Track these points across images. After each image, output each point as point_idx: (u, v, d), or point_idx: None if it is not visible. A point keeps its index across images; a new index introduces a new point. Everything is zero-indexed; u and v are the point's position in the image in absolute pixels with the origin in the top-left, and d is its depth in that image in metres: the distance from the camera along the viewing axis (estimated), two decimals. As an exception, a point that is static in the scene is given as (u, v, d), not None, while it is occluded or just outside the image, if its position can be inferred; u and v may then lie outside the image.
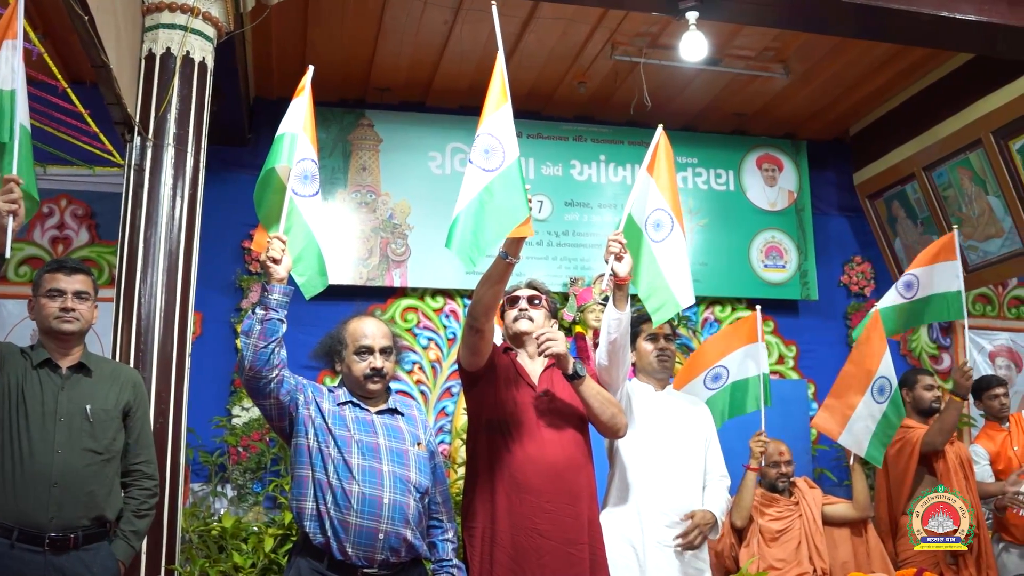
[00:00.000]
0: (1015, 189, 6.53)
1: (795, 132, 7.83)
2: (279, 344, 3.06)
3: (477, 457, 3.46)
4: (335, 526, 3.02)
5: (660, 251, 3.84)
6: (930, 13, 5.36)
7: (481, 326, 3.33)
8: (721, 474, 4.06)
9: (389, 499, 3.06)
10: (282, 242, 3.12)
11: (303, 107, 3.53)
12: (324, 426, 3.13)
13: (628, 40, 6.30)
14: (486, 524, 3.36)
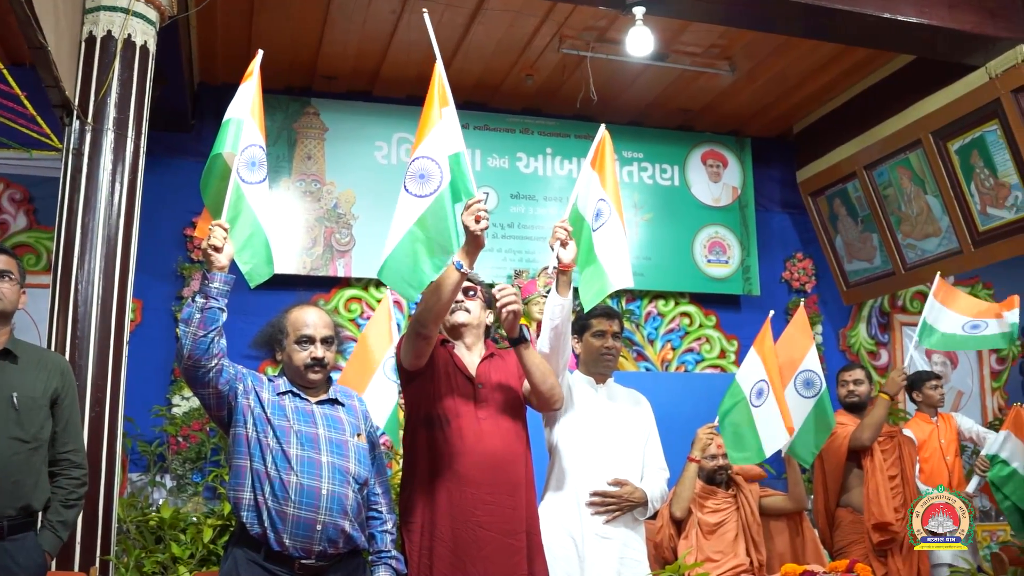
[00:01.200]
0: (952, 189, 6.65)
1: (740, 129, 7.91)
2: (219, 333, 3.02)
3: (416, 451, 3.44)
4: (272, 517, 2.99)
5: (598, 238, 3.93)
6: (873, 14, 5.46)
7: (429, 333, 3.32)
8: (660, 467, 4.08)
9: (327, 490, 3.04)
10: (224, 230, 3.08)
11: (250, 92, 3.48)
12: (263, 416, 3.10)
13: (576, 34, 6.31)
14: (425, 518, 3.35)
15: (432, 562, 3.31)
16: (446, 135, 3.27)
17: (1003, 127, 6.12)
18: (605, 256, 3.90)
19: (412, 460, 3.45)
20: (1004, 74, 5.96)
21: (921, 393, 6.34)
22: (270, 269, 3.40)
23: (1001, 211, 6.43)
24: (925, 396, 6.32)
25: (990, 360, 8.71)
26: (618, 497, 3.82)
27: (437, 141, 3.25)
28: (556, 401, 3.54)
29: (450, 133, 3.27)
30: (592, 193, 3.98)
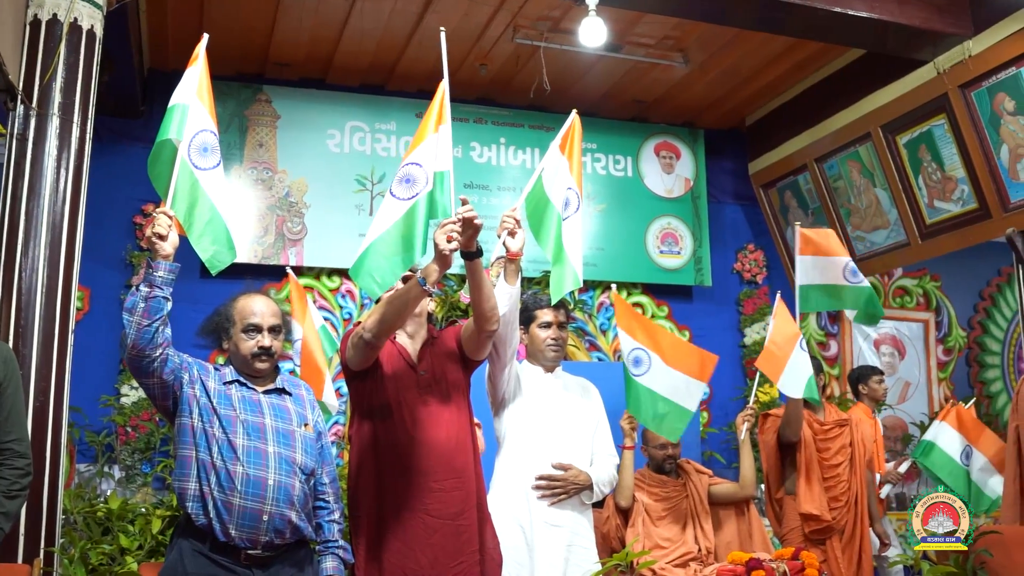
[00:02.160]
0: (901, 182, 6.74)
1: (693, 121, 7.95)
2: (164, 322, 2.99)
3: (362, 443, 3.43)
4: (218, 507, 2.97)
5: (566, 228, 3.95)
6: (824, 8, 5.52)
7: (381, 344, 3.34)
8: (609, 452, 4.12)
9: (274, 480, 3.02)
10: (169, 217, 3.04)
11: (196, 77, 3.44)
12: (209, 405, 3.07)
13: (530, 23, 6.31)
14: (373, 509, 3.35)
15: (381, 554, 3.31)
16: (438, 151, 3.30)
17: (950, 122, 6.21)
18: (571, 247, 3.93)
19: (359, 452, 3.45)
20: (952, 69, 6.04)
21: (867, 386, 6.56)
22: (232, 255, 3.37)
23: (948, 204, 6.52)
24: (870, 390, 6.56)
25: (937, 351, 8.85)
26: (563, 480, 3.84)
27: (428, 153, 3.28)
28: (495, 321, 3.47)
29: (442, 150, 3.32)
30: (561, 180, 4.01)
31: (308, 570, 3.17)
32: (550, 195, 3.96)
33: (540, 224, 3.96)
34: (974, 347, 9.02)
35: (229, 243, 3.33)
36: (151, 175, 3.32)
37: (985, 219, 6.29)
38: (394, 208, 3.19)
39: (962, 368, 8.95)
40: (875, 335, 8.53)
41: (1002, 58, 5.75)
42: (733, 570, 3.95)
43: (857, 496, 5.31)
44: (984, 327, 9.09)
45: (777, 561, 4.01)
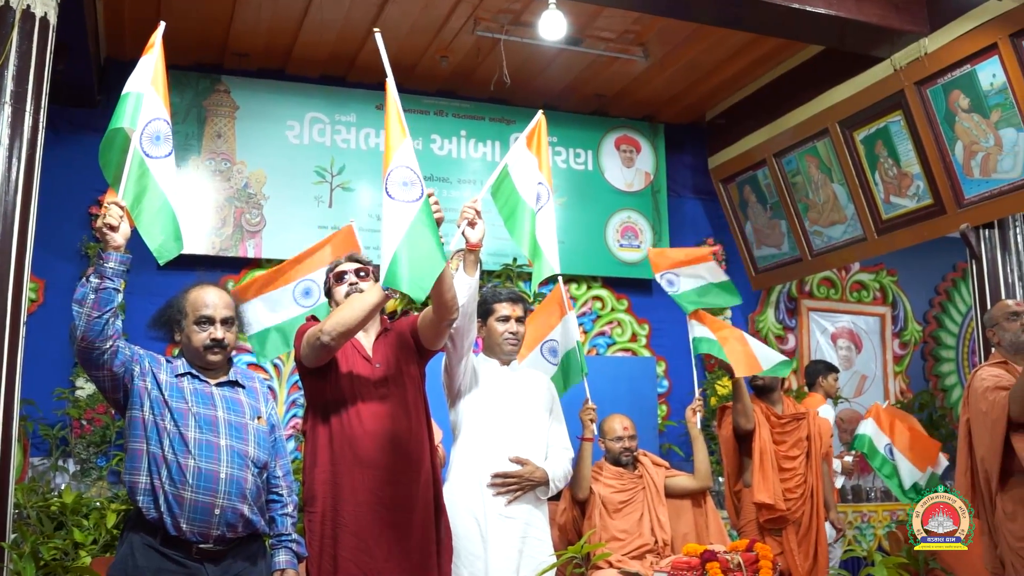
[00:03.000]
0: (858, 178, 6.80)
1: (654, 115, 7.97)
2: (114, 314, 2.96)
3: (317, 439, 3.42)
4: (169, 501, 2.95)
5: (539, 220, 4.08)
6: (783, 4, 5.55)
7: (339, 346, 3.34)
8: (564, 446, 4.14)
9: (226, 474, 3.01)
10: (120, 208, 3.00)
11: (151, 65, 3.41)
12: (160, 398, 3.05)
13: (490, 16, 6.29)
14: (327, 506, 3.34)
15: (336, 551, 3.30)
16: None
17: (906, 118, 6.27)
18: (544, 239, 4.07)
19: (313, 445, 3.44)
20: (908, 67, 6.10)
21: (826, 380, 6.86)
22: (179, 245, 3.34)
23: (904, 200, 6.59)
24: (827, 385, 6.87)
25: (893, 345, 8.95)
26: (519, 476, 3.85)
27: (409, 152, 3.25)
28: (454, 311, 3.49)
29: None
30: (531, 176, 4.12)
31: (261, 564, 3.16)
32: (521, 192, 4.05)
33: (514, 221, 4.07)
34: (929, 341, 9.13)
35: (177, 234, 3.29)
36: (101, 163, 3.29)
37: (940, 215, 6.36)
38: (404, 211, 3.11)
39: (917, 362, 9.06)
40: (832, 329, 8.61)
41: (957, 56, 5.82)
42: (688, 562, 3.98)
43: (813, 489, 5.37)
44: (939, 321, 9.20)
45: (731, 553, 4.05)
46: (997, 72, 5.65)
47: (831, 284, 8.72)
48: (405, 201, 3.13)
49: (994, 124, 5.78)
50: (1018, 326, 4.51)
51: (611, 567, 4.42)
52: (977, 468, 4.46)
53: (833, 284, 8.74)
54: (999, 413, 4.27)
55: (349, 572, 3.30)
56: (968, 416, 4.55)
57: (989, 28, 5.58)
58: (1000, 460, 4.32)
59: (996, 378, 4.41)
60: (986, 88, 5.74)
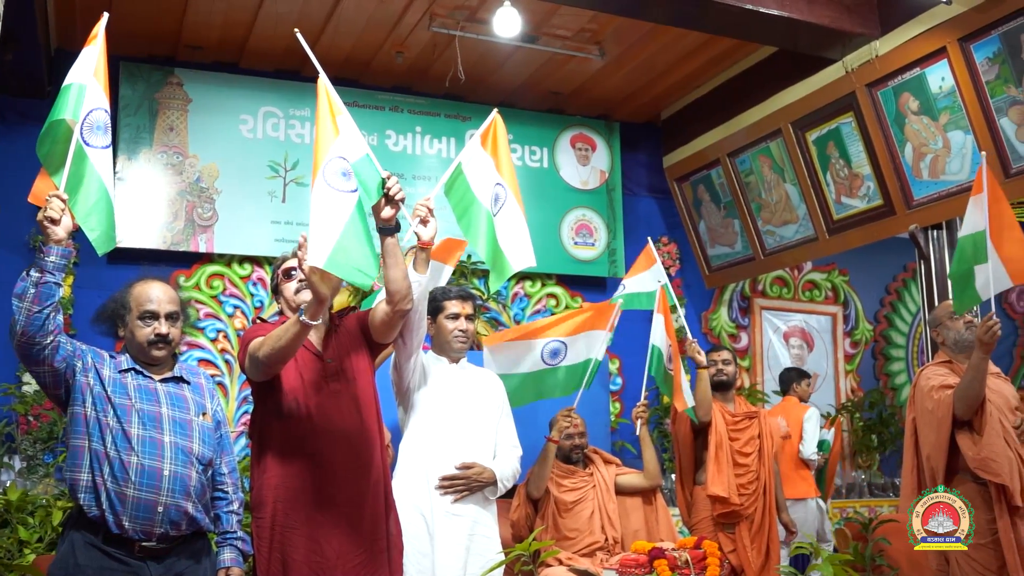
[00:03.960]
0: (810, 178, 6.87)
1: (609, 113, 8.00)
2: (55, 309, 2.91)
3: (266, 440, 3.37)
4: (111, 498, 2.91)
5: (497, 222, 4.08)
6: (737, 5, 5.59)
7: (277, 372, 3.29)
8: (512, 444, 4.14)
9: (169, 471, 2.97)
10: (62, 201, 2.96)
11: (94, 56, 3.36)
12: (103, 394, 3.00)
13: (446, 12, 6.28)
14: (278, 509, 3.29)
15: (285, 555, 3.26)
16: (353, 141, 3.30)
17: (857, 120, 6.34)
18: (505, 239, 4.06)
19: (261, 450, 3.38)
20: (859, 69, 6.17)
21: (799, 386, 7.32)
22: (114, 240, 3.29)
23: (854, 200, 6.67)
24: (801, 390, 7.32)
25: (844, 344, 9.05)
26: (466, 479, 3.85)
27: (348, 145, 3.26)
28: (408, 301, 3.47)
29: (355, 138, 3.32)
30: (488, 178, 4.11)
31: (205, 562, 3.13)
32: (476, 192, 4.05)
33: (467, 220, 4.08)
34: (880, 340, 9.25)
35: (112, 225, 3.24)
36: (40, 154, 3.21)
37: (889, 215, 6.44)
38: (343, 201, 3.11)
39: (868, 361, 9.17)
40: (785, 327, 8.69)
41: (907, 59, 5.90)
42: (636, 559, 3.99)
43: (766, 485, 5.42)
44: (890, 321, 9.32)
45: (679, 550, 4.07)
46: (946, 76, 5.73)
47: (784, 283, 8.80)
48: (344, 191, 3.13)
49: (943, 127, 5.87)
50: (961, 325, 4.57)
51: (561, 564, 4.43)
52: (923, 466, 4.51)
53: (786, 283, 8.82)
54: (944, 412, 4.33)
55: (300, 573, 3.27)
56: (914, 415, 4.60)
57: (938, 32, 5.66)
58: (946, 458, 4.37)
59: (941, 377, 4.46)
60: (935, 91, 5.82)
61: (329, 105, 3.30)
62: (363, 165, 3.31)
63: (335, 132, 3.25)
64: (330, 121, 3.27)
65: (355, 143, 3.32)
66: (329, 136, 3.23)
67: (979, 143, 5.66)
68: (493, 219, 4.08)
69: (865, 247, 7.17)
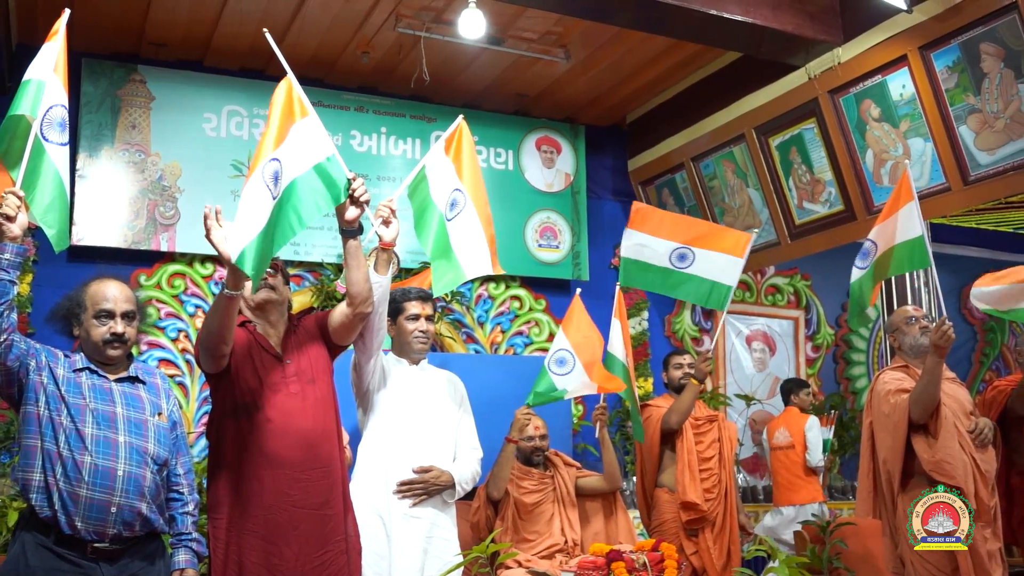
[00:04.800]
0: (772, 183, 6.93)
1: (575, 116, 8.02)
2: (9, 307, 2.88)
3: (224, 441, 3.35)
4: (64, 499, 2.88)
5: (452, 228, 4.05)
6: (700, 10, 5.63)
7: (223, 352, 3.28)
8: (472, 446, 4.14)
9: (123, 471, 2.95)
10: (18, 198, 2.93)
11: (55, 51, 3.33)
12: (57, 393, 2.97)
13: (412, 13, 6.27)
14: (234, 510, 3.27)
15: (241, 556, 3.24)
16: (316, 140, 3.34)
17: (820, 126, 6.40)
18: (460, 246, 4.02)
19: (219, 451, 3.36)
20: (822, 75, 6.23)
21: (797, 396, 7.52)
22: (68, 239, 3.27)
23: (816, 206, 6.73)
24: (800, 400, 7.52)
25: (806, 348, 9.12)
26: (424, 483, 3.85)
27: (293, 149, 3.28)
28: (369, 304, 3.51)
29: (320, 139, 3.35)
30: (447, 183, 4.10)
31: (159, 564, 3.11)
32: (434, 196, 4.05)
33: (422, 224, 4.08)
34: (841, 344, 9.32)
35: (66, 223, 3.22)
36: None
37: (850, 221, 6.51)
38: (267, 202, 3.17)
39: (829, 365, 9.24)
40: (747, 331, 8.74)
41: (869, 66, 5.96)
42: (594, 562, 4.01)
43: (727, 489, 5.46)
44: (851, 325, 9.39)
45: (637, 553, 4.08)
46: (907, 83, 5.79)
47: (747, 287, 8.85)
48: (271, 193, 3.18)
49: (903, 133, 5.93)
50: (916, 330, 4.62)
51: (520, 567, 4.43)
52: (879, 470, 4.57)
53: (748, 287, 8.86)
54: (900, 415, 4.38)
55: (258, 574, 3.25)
56: (871, 419, 4.66)
57: (900, 40, 5.72)
58: (902, 461, 4.43)
59: (898, 381, 4.52)
60: (896, 98, 5.89)
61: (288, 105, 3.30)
62: (330, 165, 3.31)
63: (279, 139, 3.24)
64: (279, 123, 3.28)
65: (321, 143, 3.34)
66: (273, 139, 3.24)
67: (939, 150, 5.73)
68: (446, 223, 4.07)
69: (827, 252, 7.24)
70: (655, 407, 5.55)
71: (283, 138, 3.28)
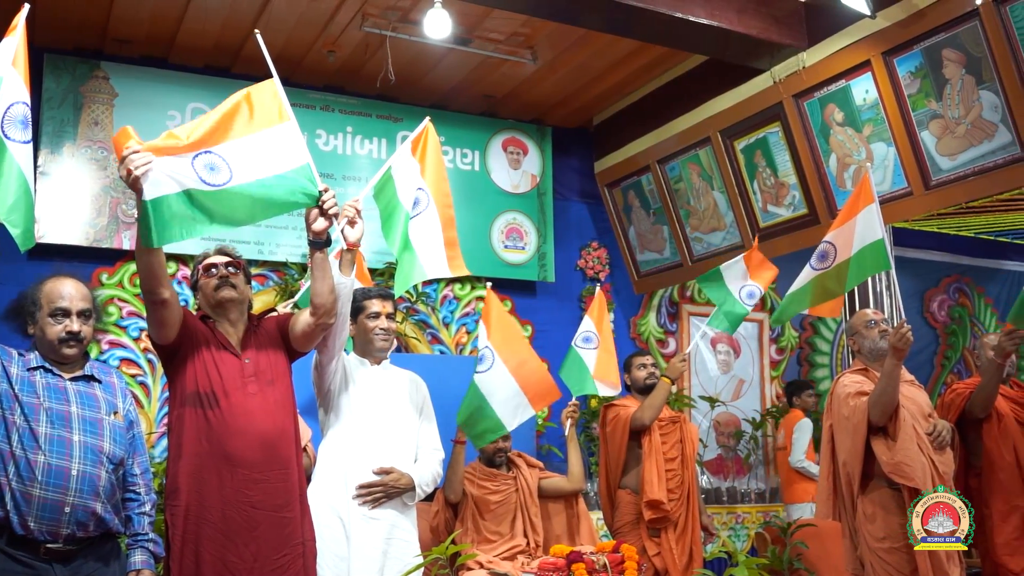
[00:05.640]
0: (737, 186, 6.96)
1: (542, 118, 8.02)
2: None
3: (183, 432, 3.31)
4: (16, 499, 2.85)
5: (413, 226, 4.09)
6: (666, 13, 5.65)
7: (161, 295, 3.19)
8: (434, 447, 4.13)
9: (78, 470, 2.92)
10: None
11: (13, 47, 3.28)
12: (10, 392, 2.94)
13: (378, 12, 6.25)
14: (192, 501, 3.24)
15: (199, 547, 3.21)
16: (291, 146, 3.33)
17: (784, 130, 6.44)
18: (420, 244, 4.07)
19: (178, 441, 3.32)
20: (787, 79, 6.27)
21: (799, 398, 7.72)
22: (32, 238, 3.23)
23: (780, 209, 6.77)
24: (803, 401, 7.70)
25: (770, 350, 9.16)
26: (383, 485, 3.83)
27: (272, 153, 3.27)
28: (333, 315, 3.50)
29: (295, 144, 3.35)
30: (411, 181, 4.14)
31: (115, 565, 3.08)
32: (400, 196, 4.06)
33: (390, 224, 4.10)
34: (805, 347, 9.37)
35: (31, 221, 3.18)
36: None
37: (814, 224, 6.55)
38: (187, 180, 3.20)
39: (793, 367, 9.29)
40: (712, 333, 8.77)
41: (833, 71, 6.00)
42: (554, 563, 4.01)
43: (690, 490, 5.48)
44: (815, 328, 9.45)
45: (598, 554, 4.09)
46: (870, 88, 5.84)
47: (712, 289, 8.86)
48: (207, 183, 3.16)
49: (866, 138, 5.98)
50: (876, 333, 4.66)
51: (481, 568, 4.43)
52: (839, 471, 4.60)
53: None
54: (860, 418, 4.41)
55: (214, 570, 3.22)
56: (831, 421, 4.69)
57: (863, 45, 5.77)
58: (861, 463, 4.47)
59: (858, 384, 4.55)
60: (859, 103, 5.93)
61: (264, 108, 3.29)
62: (302, 173, 3.28)
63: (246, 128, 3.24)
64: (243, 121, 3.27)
65: (298, 150, 3.30)
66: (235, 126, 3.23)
67: (901, 155, 5.78)
68: (409, 220, 4.10)
69: (792, 255, 7.27)
70: (622, 407, 5.56)
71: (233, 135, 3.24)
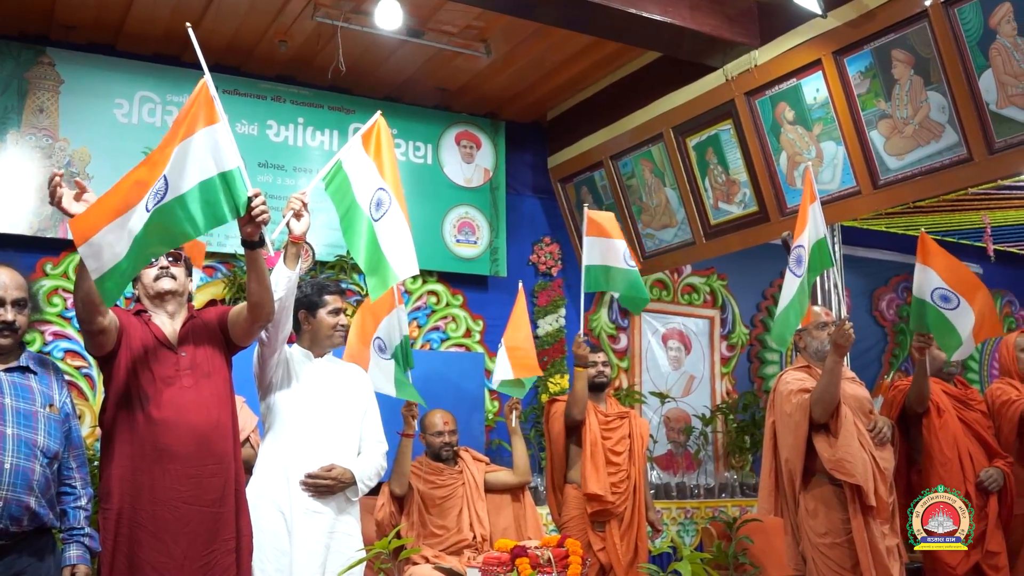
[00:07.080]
0: (689, 183, 6.99)
1: (496, 112, 8.00)
2: None
3: (115, 430, 3.26)
4: None
5: (380, 228, 4.03)
6: (620, 9, 5.65)
7: (100, 325, 3.16)
8: (378, 439, 4.11)
9: (11, 464, 2.87)
10: None
11: None
12: (-59, 384, 2.89)
13: (330, 2, 6.19)
14: (124, 503, 3.18)
15: (131, 550, 3.16)
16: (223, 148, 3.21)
17: (736, 127, 6.47)
18: (388, 246, 4.01)
19: (111, 440, 3.27)
20: (739, 77, 6.30)
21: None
22: None
23: (731, 206, 6.80)
24: None
25: (721, 347, 9.21)
26: (326, 480, 3.80)
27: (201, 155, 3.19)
28: (270, 313, 3.46)
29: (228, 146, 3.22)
30: (370, 182, 4.06)
31: (49, 559, 3.03)
32: (358, 197, 4.03)
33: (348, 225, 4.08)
34: (755, 344, 9.44)
35: None
36: None
37: (764, 222, 6.59)
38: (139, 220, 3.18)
39: (744, 364, 9.35)
40: (663, 330, 8.82)
41: (784, 69, 6.04)
42: (498, 558, 4.00)
43: (636, 484, 5.50)
44: (765, 325, 9.51)
45: (543, 548, 4.09)
46: (820, 87, 5.88)
47: (663, 286, 8.91)
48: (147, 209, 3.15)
49: (816, 137, 6.02)
50: (824, 336, 4.70)
51: (427, 562, 4.42)
52: (781, 468, 4.64)
53: (665, 286, 8.93)
54: (802, 415, 4.45)
55: (144, 573, 3.16)
56: (773, 418, 4.73)
57: (815, 44, 5.81)
58: (803, 460, 4.51)
59: (800, 381, 4.59)
60: (810, 102, 5.98)
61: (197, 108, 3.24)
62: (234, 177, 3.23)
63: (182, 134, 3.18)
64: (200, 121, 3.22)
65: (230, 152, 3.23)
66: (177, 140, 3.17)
67: (850, 154, 5.83)
68: (374, 225, 4.05)
69: (743, 252, 7.33)
70: (560, 402, 5.57)
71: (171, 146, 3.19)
